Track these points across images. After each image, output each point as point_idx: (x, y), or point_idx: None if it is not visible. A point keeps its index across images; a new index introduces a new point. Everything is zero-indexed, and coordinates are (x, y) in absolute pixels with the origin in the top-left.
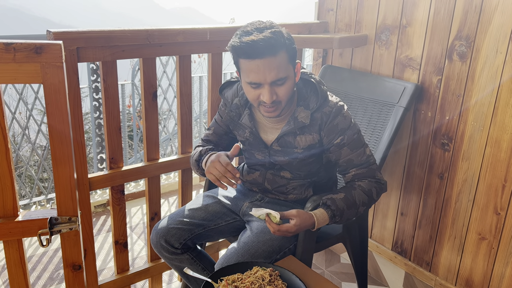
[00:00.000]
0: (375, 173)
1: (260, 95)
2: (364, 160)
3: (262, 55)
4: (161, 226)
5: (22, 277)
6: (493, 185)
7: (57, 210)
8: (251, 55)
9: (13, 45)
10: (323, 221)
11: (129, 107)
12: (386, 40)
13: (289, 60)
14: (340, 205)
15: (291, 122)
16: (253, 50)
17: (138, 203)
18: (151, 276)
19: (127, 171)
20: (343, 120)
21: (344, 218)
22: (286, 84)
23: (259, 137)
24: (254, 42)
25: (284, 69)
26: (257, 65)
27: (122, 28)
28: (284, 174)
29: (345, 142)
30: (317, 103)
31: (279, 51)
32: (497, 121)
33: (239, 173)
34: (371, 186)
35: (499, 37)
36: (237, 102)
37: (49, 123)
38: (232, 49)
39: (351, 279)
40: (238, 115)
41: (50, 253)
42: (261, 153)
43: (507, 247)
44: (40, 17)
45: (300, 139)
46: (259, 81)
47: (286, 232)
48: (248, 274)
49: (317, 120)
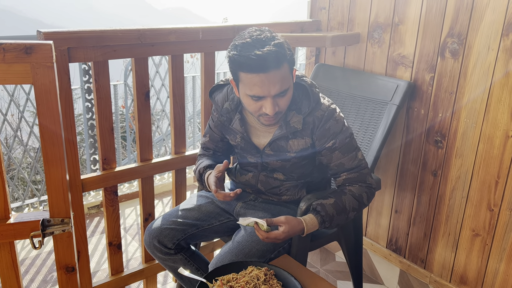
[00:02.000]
0: (366, 177)
1: (262, 107)
2: (355, 165)
3: (267, 70)
4: (154, 226)
5: (14, 279)
6: (486, 182)
7: (50, 211)
8: (255, 70)
9: (3, 45)
10: (312, 227)
11: (123, 107)
12: (379, 38)
13: (290, 70)
14: (330, 210)
15: (283, 127)
16: (258, 64)
17: (132, 204)
18: (145, 277)
19: (120, 172)
20: (335, 124)
21: (333, 224)
22: (288, 94)
23: (250, 142)
24: (258, 57)
25: (287, 81)
26: (261, 79)
27: (113, 28)
28: (277, 176)
29: (337, 146)
30: (309, 107)
31: (282, 64)
32: (490, 117)
33: (225, 193)
34: (361, 191)
35: (491, 34)
36: (227, 107)
37: (40, 124)
38: (232, 62)
39: (347, 277)
40: (228, 120)
41: (43, 255)
42: (254, 156)
43: (501, 243)
44: (32, 18)
45: (293, 143)
46: (263, 95)
47: (275, 239)
48: (243, 274)
49: (309, 124)
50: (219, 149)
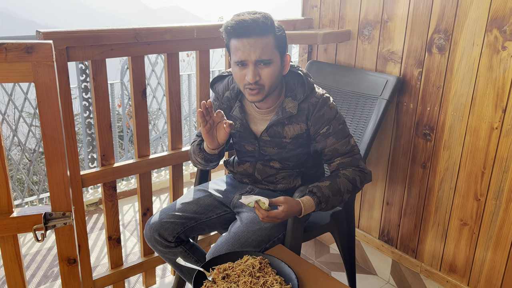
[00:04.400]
0: (359, 162)
1: (246, 76)
2: (348, 150)
3: (249, 34)
4: (154, 220)
5: (18, 271)
6: (473, 173)
7: (51, 205)
8: (240, 34)
9: (5, 45)
10: (309, 208)
11: (119, 107)
12: (369, 35)
13: (276, 46)
14: (325, 192)
15: (279, 112)
16: (242, 28)
17: (130, 201)
18: (144, 271)
19: (119, 167)
20: (329, 111)
21: (329, 205)
22: (270, 67)
23: (249, 128)
24: (244, 21)
25: (269, 52)
26: (243, 44)
27: (110, 27)
28: (273, 164)
29: (331, 131)
30: (304, 94)
31: (266, 34)
32: (475, 111)
33: (220, 111)
34: (355, 174)
35: (475, 30)
36: (228, 95)
37: (41, 121)
38: (225, 30)
39: (340, 268)
40: (229, 108)
41: (43, 251)
42: (251, 144)
43: (487, 231)
44: (25, 19)
45: (288, 129)
46: (244, 59)
47: (274, 218)
48: (239, 263)
49: (304, 110)
50: None
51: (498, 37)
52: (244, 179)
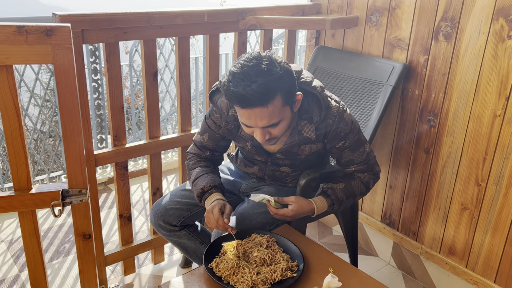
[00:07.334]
0: (373, 167)
1: (254, 133)
2: (364, 158)
3: (251, 107)
4: (159, 207)
5: (36, 246)
6: (475, 158)
7: (68, 183)
8: (242, 105)
9: (25, 27)
10: (322, 209)
11: (126, 88)
12: (376, 22)
13: (285, 102)
14: (339, 195)
15: (295, 136)
16: (242, 102)
17: (138, 181)
18: (153, 248)
19: (130, 148)
20: (345, 126)
21: (342, 207)
22: (280, 125)
23: (261, 148)
24: (242, 95)
25: (277, 115)
26: (248, 113)
27: (124, 10)
28: (284, 170)
29: (347, 145)
30: (321, 116)
31: (271, 100)
32: (479, 98)
33: (231, 227)
34: (369, 178)
35: (482, 18)
36: (233, 114)
37: (59, 101)
38: (224, 93)
39: (343, 249)
40: (236, 127)
41: (55, 228)
42: (262, 157)
43: (487, 216)
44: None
45: (304, 148)
46: (251, 125)
47: (283, 216)
48: (247, 240)
49: (321, 130)
50: (219, 148)
51: (504, 26)
52: (252, 176)
